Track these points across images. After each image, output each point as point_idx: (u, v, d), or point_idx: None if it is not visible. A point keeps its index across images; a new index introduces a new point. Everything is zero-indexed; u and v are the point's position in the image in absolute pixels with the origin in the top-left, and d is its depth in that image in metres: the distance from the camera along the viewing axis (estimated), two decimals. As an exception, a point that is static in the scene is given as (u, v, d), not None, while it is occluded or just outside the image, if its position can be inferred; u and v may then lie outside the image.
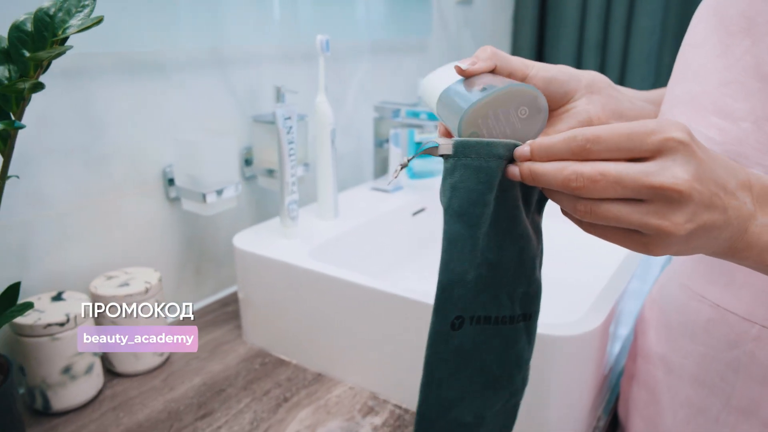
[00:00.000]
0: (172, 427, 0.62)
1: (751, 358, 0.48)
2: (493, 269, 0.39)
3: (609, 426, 0.66)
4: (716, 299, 0.50)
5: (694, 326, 0.53)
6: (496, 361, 0.41)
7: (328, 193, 0.83)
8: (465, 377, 0.41)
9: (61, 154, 0.69)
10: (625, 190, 0.31)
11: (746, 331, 0.48)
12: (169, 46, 0.77)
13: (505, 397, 0.43)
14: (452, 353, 0.40)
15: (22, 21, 0.46)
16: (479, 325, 0.40)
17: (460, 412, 0.42)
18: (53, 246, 0.70)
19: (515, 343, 0.42)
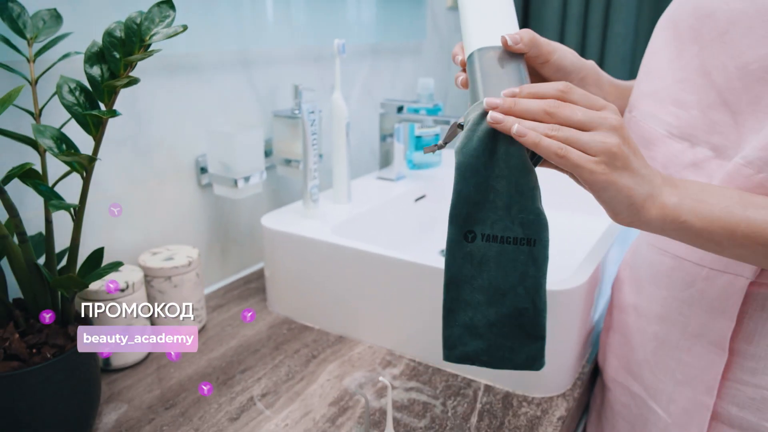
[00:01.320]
0: (218, 379, 0.72)
1: (702, 294, 0.60)
2: (498, 195, 0.48)
3: (591, 372, 0.77)
4: (675, 251, 0.62)
5: (658, 275, 0.65)
6: (501, 275, 0.50)
7: (343, 179, 0.93)
8: (476, 285, 0.50)
9: (114, 144, 0.78)
10: (587, 116, 0.44)
11: (698, 273, 0.60)
12: (203, 49, 0.87)
13: (511, 314, 0.50)
14: (465, 258, 0.50)
15: (113, 28, 0.55)
16: (488, 242, 0.49)
17: (474, 316, 0.51)
18: (106, 225, 0.79)
19: (519, 263, 0.50)
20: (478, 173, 0.48)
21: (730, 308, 0.57)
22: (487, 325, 0.51)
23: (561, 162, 0.44)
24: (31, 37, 0.61)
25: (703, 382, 0.60)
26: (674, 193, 0.47)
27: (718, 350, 0.59)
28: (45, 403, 0.55)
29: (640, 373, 0.68)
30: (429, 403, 0.68)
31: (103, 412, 0.66)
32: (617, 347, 0.72)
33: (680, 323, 0.62)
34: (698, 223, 0.47)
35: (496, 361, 0.52)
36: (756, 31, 0.53)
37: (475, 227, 0.49)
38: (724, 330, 0.58)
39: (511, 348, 0.51)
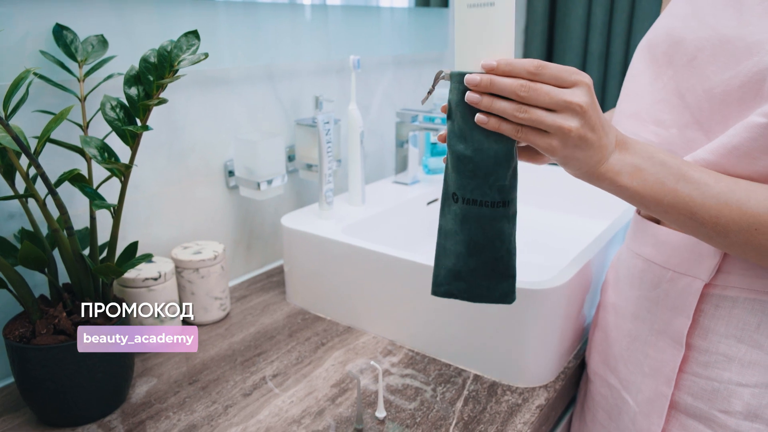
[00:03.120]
0: (237, 360, 0.81)
1: (666, 294, 0.65)
2: (476, 165, 0.55)
3: (578, 368, 0.82)
4: (646, 255, 0.68)
5: (633, 277, 0.71)
6: (480, 232, 0.56)
7: (357, 183, 1.01)
8: (459, 239, 0.57)
9: (151, 149, 0.88)
10: (552, 100, 0.49)
11: (663, 275, 0.66)
12: (228, 64, 0.96)
13: (488, 261, 0.57)
14: (450, 215, 0.57)
15: (148, 55, 0.65)
16: (468, 205, 0.56)
17: (456, 263, 0.58)
18: (144, 221, 0.90)
19: (496, 222, 0.57)
20: (463, 143, 0.54)
21: (687, 307, 0.63)
22: (468, 271, 0.58)
23: (519, 140, 0.51)
24: (82, 60, 0.71)
25: (663, 374, 0.65)
26: (620, 159, 0.53)
27: (676, 345, 0.64)
28: (86, 372, 0.65)
29: (616, 366, 0.74)
30: (421, 389, 0.75)
31: (136, 384, 0.76)
32: (599, 343, 0.78)
33: (648, 320, 0.68)
34: (633, 186, 0.53)
35: (476, 297, 0.59)
36: (719, 58, 0.58)
37: (458, 191, 0.56)
38: (681, 327, 0.63)
39: (488, 287, 0.59)
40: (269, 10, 1.00)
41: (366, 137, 1.27)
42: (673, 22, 0.64)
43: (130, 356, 0.71)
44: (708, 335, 0.63)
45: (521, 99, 0.49)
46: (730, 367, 0.62)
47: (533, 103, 0.49)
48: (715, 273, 0.61)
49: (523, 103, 0.50)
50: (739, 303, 0.61)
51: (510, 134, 0.51)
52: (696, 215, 0.53)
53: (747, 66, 0.55)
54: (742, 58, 0.56)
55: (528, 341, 0.74)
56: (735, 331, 0.61)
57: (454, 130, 0.55)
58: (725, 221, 0.52)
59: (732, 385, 0.62)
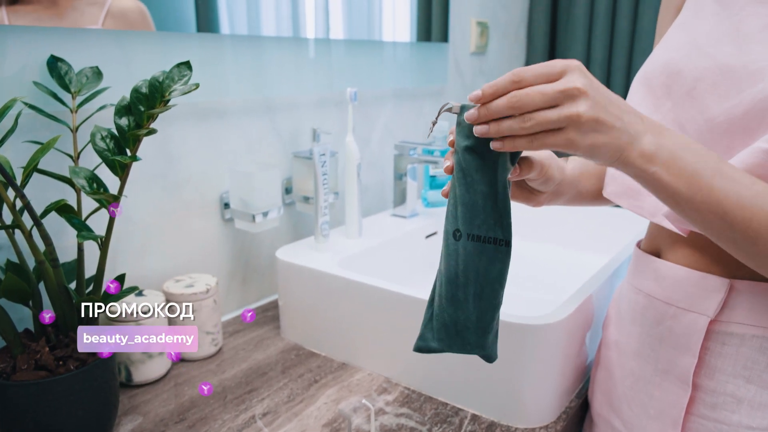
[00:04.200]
0: (227, 398, 0.79)
1: (670, 331, 0.62)
2: (482, 197, 0.53)
3: (580, 408, 0.79)
4: (648, 290, 0.66)
5: (635, 313, 0.68)
6: (483, 273, 0.54)
7: (354, 216, 1.00)
8: (461, 283, 0.54)
9: (145, 180, 0.88)
10: (547, 97, 0.46)
11: (666, 311, 0.63)
12: (228, 96, 0.96)
13: (487, 309, 0.55)
14: (452, 255, 0.54)
15: (140, 85, 0.64)
16: (472, 241, 0.53)
17: (455, 310, 0.55)
18: (136, 253, 0.88)
19: (498, 262, 0.55)
20: (469, 177, 0.53)
21: (693, 345, 0.60)
22: (465, 320, 0.55)
23: (539, 149, 0.48)
24: (75, 91, 0.71)
25: (670, 416, 0.62)
26: (654, 142, 0.49)
27: (683, 385, 0.61)
28: (68, 410, 0.63)
29: (619, 407, 0.70)
30: (416, 429, 0.72)
31: (121, 422, 0.73)
32: (603, 382, 0.75)
33: (652, 359, 0.65)
34: (666, 177, 0.49)
35: (461, 348, 0.57)
36: (719, 87, 0.57)
37: (462, 226, 0.54)
38: (687, 366, 0.61)
39: (477, 341, 0.56)
40: (273, 44, 1.01)
41: (366, 170, 1.27)
42: (669, 53, 0.64)
43: (114, 393, 0.69)
44: (715, 375, 0.60)
45: (519, 110, 0.47)
46: (739, 409, 0.59)
47: (531, 107, 0.47)
48: (721, 308, 0.59)
49: (525, 113, 0.48)
50: (747, 341, 0.58)
51: (526, 147, 0.49)
52: (728, 216, 0.49)
53: (751, 93, 0.54)
54: (744, 86, 0.55)
55: (527, 379, 0.72)
56: (743, 371, 0.59)
57: (464, 164, 0.53)
58: (757, 226, 0.49)
59: (741, 428, 0.59)
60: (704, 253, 0.61)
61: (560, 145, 0.48)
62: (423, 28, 1.36)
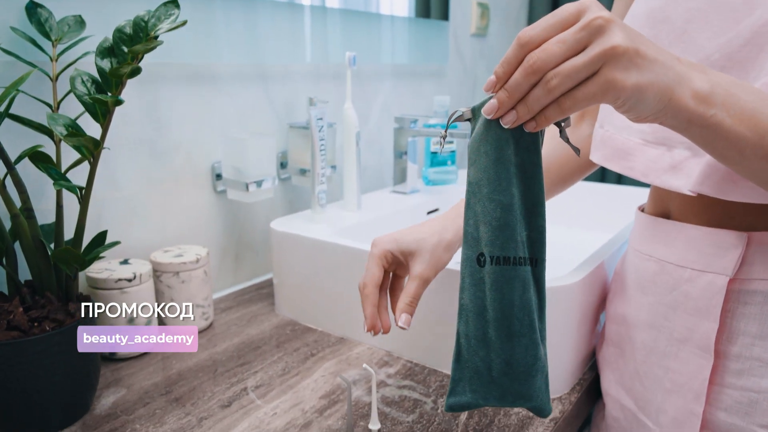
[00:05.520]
0: (217, 371, 0.74)
1: (686, 296, 0.58)
2: (506, 211, 0.46)
3: (594, 381, 0.74)
4: (659, 255, 0.61)
5: (644, 281, 0.63)
6: (518, 304, 0.46)
7: (353, 187, 0.95)
8: (491, 318, 0.47)
9: (132, 144, 0.83)
10: (568, 43, 0.38)
11: (681, 275, 0.58)
12: (221, 60, 0.92)
13: (528, 347, 0.47)
14: (477, 285, 0.47)
15: (123, 25, 0.60)
16: (499, 265, 0.46)
17: (488, 352, 0.48)
18: (121, 221, 0.83)
19: (533, 286, 0.48)
20: (491, 183, 0.46)
21: (713, 308, 0.55)
22: (503, 364, 0.48)
23: (574, 110, 0.41)
24: (56, 39, 0.66)
25: (691, 389, 0.58)
26: (705, 80, 0.42)
27: (705, 354, 0.56)
28: (43, 375, 0.58)
29: (631, 385, 0.66)
30: (420, 400, 0.67)
31: (102, 395, 0.68)
32: (611, 360, 0.70)
33: (666, 329, 0.60)
34: (728, 120, 0.42)
35: (506, 401, 0.50)
36: (713, 23, 0.53)
37: (486, 248, 0.46)
38: (708, 332, 0.56)
39: (520, 390, 0.49)
40: (267, 8, 0.97)
41: (364, 149, 1.22)
42: (650, 3, 0.59)
43: (94, 360, 0.64)
44: (738, 339, 0.56)
45: (539, 72, 0.39)
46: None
47: (553, 61, 0.39)
48: (740, 265, 0.54)
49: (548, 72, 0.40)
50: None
51: (563, 113, 0.41)
52: None
53: (749, 22, 0.50)
54: (741, 16, 0.50)
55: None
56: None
57: (482, 172, 0.46)
58: None
59: None
60: (716, 207, 0.57)
61: (598, 95, 0.39)
62: (422, 3, 1.32)
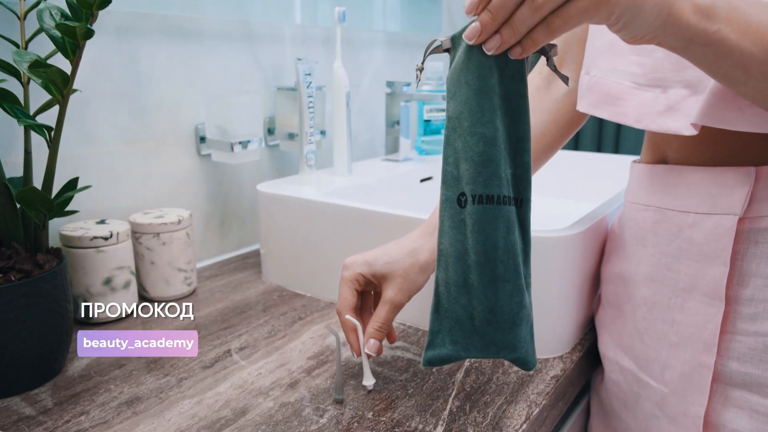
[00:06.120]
0: (200, 334, 0.70)
1: (690, 243, 0.54)
2: (489, 144, 0.42)
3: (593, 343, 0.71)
4: (658, 203, 0.57)
5: (643, 233, 0.59)
6: (503, 246, 0.43)
7: (343, 151, 0.91)
8: (473, 262, 0.44)
9: (110, 99, 0.79)
10: None
11: (684, 221, 0.55)
12: (204, 14, 0.87)
13: (512, 292, 0.45)
14: (458, 227, 0.44)
15: (94, -47, 0.55)
16: (482, 204, 0.43)
17: (469, 300, 0.45)
18: (99, 181, 0.79)
19: (517, 227, 0.44)
20: (473, 116, 0.43)
21: (722, 251, 0.52)
22: (486, 311, 0.45)
23: (567, 28, 0.37)
24: (24, -24, 0.62)
25: (701, 339, 0.54)
26: None
27: (714, 301, 0.53)
28: (10, 330, 0.53)
29: (630, 344, 0.62)
30: (413, 360, 0.64)
31: (75, 357, 0.64)
32: (609, 322, 0.66)
33: (670, 280, 0.57)
34: (732, 35, 0.39)
35: (488, 351, 0.47)
36: None
37: (468, 185, 0.43)
38: (718, 277, 0.52)
39: (504, 338, 0.46)
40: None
41: (356, 118, 1.18)
42: None
43: (66, 317, 0.60)
44: (750, 281, 0.52)
45: None
46: None
47: None
48: (749, 203, 0.51)
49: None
50: None
51: (551, 34, 0.38)
52: None
53: None
54: None
55: (539, 302, 0.63)
56: None
57: (463, 105, 0.43)
58: None
59: None
60: (717, 146, 0.53)
61: (590, 9, 0.36)
62: (415, -30, 1.28)
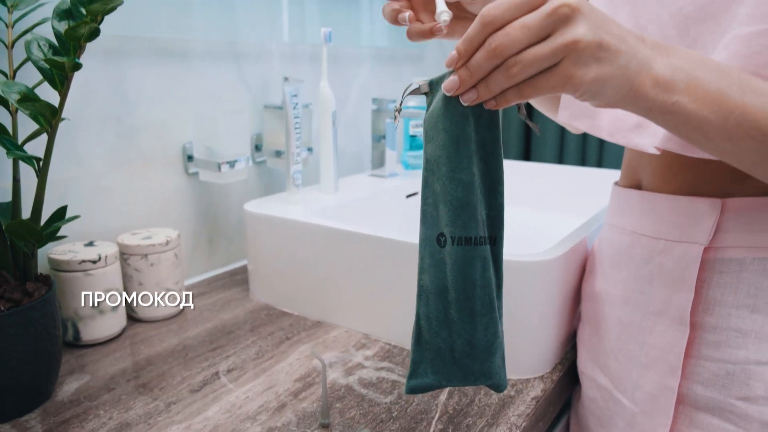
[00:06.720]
0: (187, 355, 0.71)
1: (660, 268, 0.56)
2: (467, 190, 0.44)
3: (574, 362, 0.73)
4: (632, 227, 0.60)
5: (619, 255, 0.62)
6: (479, 283, 0.45)
7: (329, 169, 0.93)
8: (452, 298, 0.46)
9: (97, 122, 0.79)
10: (532, 30, 0.37)
11: (655, 247, 0.57)
12: (191, 35, 0.88)
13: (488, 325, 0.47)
14: (438, 265, 0.46)
15: (82, -13, 0.56)
16: (461, 246, 0.45)
17: (450, 333, 0.47)
18: (87, 202, 0.80)
19: (489, 265, 0.47)
20: (451, 161, 0.44)
21: (688, 279, 0.54)
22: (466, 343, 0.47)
23: (537, 96, 0.40)
24: (12, 4, 0.63)
25: (667, 362, 0.56)
26: (668, 64, 0.41)
27: (679, 326, 0.55)
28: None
29: (606, 362, 0.64)
30: (398, 381, 0.65)
31: (65, 381, 0.64)
32: (587, 339, 0.68)
33: (642, 303, 0.59)
34: (690, 105, 0.41)
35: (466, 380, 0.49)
36: None
37: (447, 228, 0.45)
38: (683, 303, 0.54)
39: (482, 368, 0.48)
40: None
41: (343, 133, 1.20)
42: None
43: (55, 342, 0.60)
44: (715, 309, 0.54)
45: (501, 56, 0.38)
46: (745, 344, 0.52)
47: (516, 47, 0.38)
48: (714, 233, 0.53)
49: (510, 58, 0.39)
50: (747, 265, 0.52)
51: (522, 98, 0.40)
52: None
53: None
54: None
55: (521, 325, 0.65)
56: (746, 300, 0.52)
57: (441, 149, 0.44)
58: None
59: (750, 365, 0.52)
60: (689, 173, 0.55)
61: (557, 87, 0.38)
62: (401, -15, 1.30)
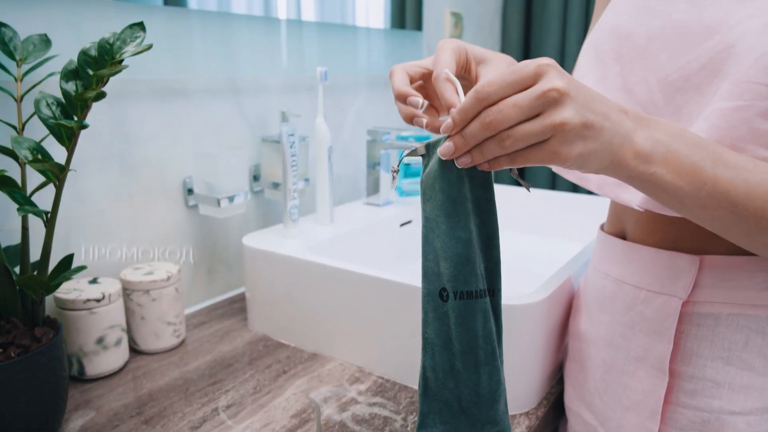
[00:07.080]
0: (188, 390, 0.73)
1: (642, 317, 0.60)
2: (466, 246, 0.47)
3: (561, 395, 0.76)
4: (616, 275, 0.63)
5: (603, 299, 0.65)
6: (482, 334, 0.48)
7: (325, 201, 0.96)
8: (458, 350, 0.48)
9: (101, 160, 0.82)
10: (523, 109, 0.41)
11: (637, 296, 0.60)
12: (192, 75, 0.91)
13: (492, 373, 0.49)
14: (441, 319, 0.48)
15: (88, 48, 0.60)
16: (462, 300, 0.47)
17: (456, 384, 0.49)
18: (90, 239, 0.83)
19: (490, 316, 0.49)
20: (450, 219, 0.47)
21: (667, 330, 0.57)
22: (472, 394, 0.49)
23: (527, 165, 0.43)
24: (20, 59, 0.66)
25: (647, 407, 0.59)
26: (648, 137, 0.44)
27: (658, 374, 0.58)
28: (9, 402, 0.57)
29: (591, 400, 0.67)
30: (390, 418, 0.68)
31: (70, 418, 0.67)
32: (573, 375, 0.71)
33: (624, 347, 0.62)
34: (667, 176, 0.45)
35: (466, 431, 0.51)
36: (673, 44, 0.55)
37: (449, 283, 0.47)
38: (663, 353, 0.58)
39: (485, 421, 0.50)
40: (243, 22, 0.97)
41: (338, 160, 1.23)
42: (617, 18, 0.61)
43: (62, 384, 0.63)
44: (692, 360, 0.57)
45: (495, 129, 0.42)
46: (719, 395, 0.56)
47: (508, 123, 0.41)
48: (693, 288, 0.56)
49: (503, 131, 0.42)
50: (722, 320, 0.56)
51: (513, 164, 0.44)
52: (737, 208, 0.45)
53: (708, 47, 0.52)
54: (701, 40, 0.52)
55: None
56: (721, 353, 0.56)
57: (439, 209, 0.47)
58: None
59: (723, 414, 0.55)
60: (670, 228, 0.58)
61: (545, 160, 0.42)
62: (397, 14, 1.33)
